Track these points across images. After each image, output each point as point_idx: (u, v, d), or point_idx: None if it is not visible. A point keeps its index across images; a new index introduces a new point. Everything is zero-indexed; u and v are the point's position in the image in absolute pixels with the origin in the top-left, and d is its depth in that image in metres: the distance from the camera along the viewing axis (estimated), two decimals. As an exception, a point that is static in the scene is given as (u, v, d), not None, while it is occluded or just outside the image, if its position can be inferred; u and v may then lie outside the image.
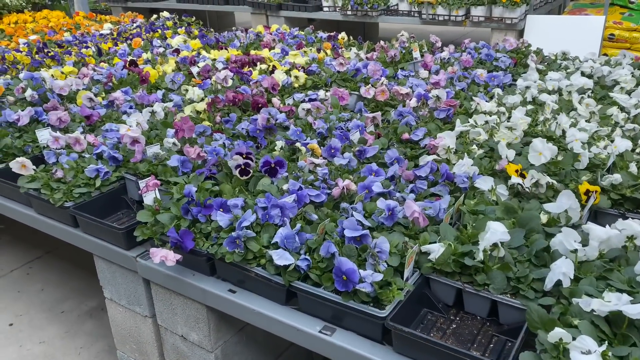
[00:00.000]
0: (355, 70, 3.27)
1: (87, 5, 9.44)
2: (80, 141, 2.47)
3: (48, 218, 2.33)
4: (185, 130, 2.50)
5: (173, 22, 5.38)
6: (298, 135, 2.51)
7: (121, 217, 2.35)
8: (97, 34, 5.00)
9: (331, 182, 2.06)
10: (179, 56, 4.14)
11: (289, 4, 7.81)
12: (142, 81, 3.53)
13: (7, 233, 4.04)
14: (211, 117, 2.82)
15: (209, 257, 1.84)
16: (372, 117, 2.60)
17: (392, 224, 1.77)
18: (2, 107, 3.00)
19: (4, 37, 5.27)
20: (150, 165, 2.26)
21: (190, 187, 1.96)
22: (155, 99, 3.08)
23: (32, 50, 4.37)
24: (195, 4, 8.90)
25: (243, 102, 2.93)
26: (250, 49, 4.48)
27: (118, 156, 2.38)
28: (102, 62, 4.03)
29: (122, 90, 3.23)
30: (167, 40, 4.73)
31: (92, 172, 2.27)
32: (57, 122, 2.81)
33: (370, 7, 7.02)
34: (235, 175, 2.09)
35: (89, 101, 3.13)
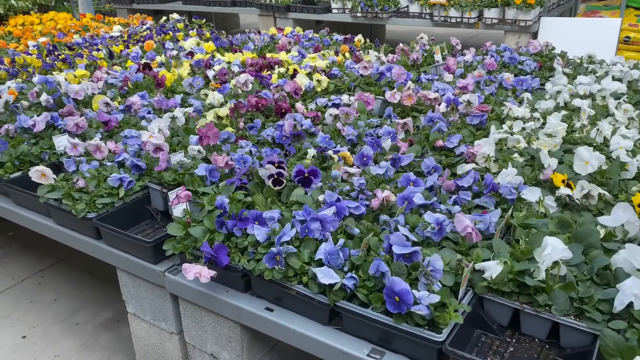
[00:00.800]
0: (379, 74, 3.17)
1: (91, 6, 9.34)
2: (101, 149, 2.36)
3: (68, 229, 2.23)
4: (210, 137, 2.40)
5: (184, 24, 5.28)
6: (327, 143, 2.41)
7: (145, 228, 2.24)
8: (107, 36, 4.90)
9: (368, 193, 1.96)
10: (193, 59, 4.04)
11: (297, 5, 7.72)
12: (158, 85, 3.43)
13: (17, 240, 3.94)
14: (234, 122, 2.71)
15: (245, 273, 1.74)
16: (403, 123, 2.50)
17: (441, 239, 1.67)
18: (16, 112, 2.90)
19: (12, 39, 5.16)
20: (176, 174, 2.16)
21: (223, 199, 1.86)
22: (174, 104, 2.97)
23: (43, 52, 4.26)
24: (201, 6, 8.81)
25: (266, 107, 2.82)
26: (265, 51, 4.38)
27: (141, 164, 2.27)
28: (114, 65, 3.93)
29: (138, 95, 3.13)
30: (179, 42, 4.63)
31: (115, 182, 2.17)
32: (74, 128, 2.70)
33: (381, 8, 6.93)
34: (268, 185, 1.99)
35: (105, 106, 3.03)
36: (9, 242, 3.95)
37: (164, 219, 2.28)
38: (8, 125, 2.68)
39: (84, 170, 2.28)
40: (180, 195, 1.82)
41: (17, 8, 6.28)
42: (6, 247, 3.90)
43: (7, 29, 5.46)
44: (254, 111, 2.79)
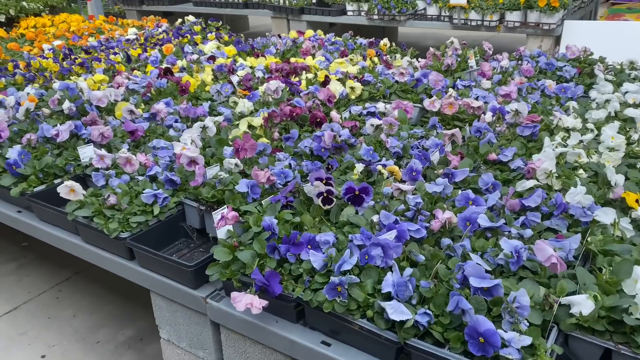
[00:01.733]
0: (415, 81, 3.02)
1: (101, 8, 9.21)
2: (131, 162, 2.21)
3: (98, 248, 2.08)
4: (248, 150, 2.26)
5: (201, 27, 5.13)
6: (371, 155, 2.26)
7: (180, 247, 2.09)
8: (123, 39, 4.75)
9: (426, 213, 1.81)
10: (214, 64, 3.90)
11: (311, 7, 7.58)
12: (182, 91, 3.28)
13: (32, 250, 3.79)
14: (268, 132, 2.56)
15: (298, 302, 1.59)
16: (451, 135, 2.35)
17: (517, 268, 1.52)
18: (37, 120, 2.75)
19: (25, 41, 5.02)
20: (215, 190, 2.01)
21: (271, 220, 1.71)
22: (203, 112, 2.83)
23: (59, 56, 4.12)
24: (212, 7, 8.67)
25: (300, 116, 2.67)
26: (288, 55, 4.23)
27: (176, 179, 2.12)
28: (133, 70, 3.78)
29: (164, 102, 2.98)
30: (197, 46, 4.48)
31: (149, 198, 2.02)
32: (99, 138, 2.56)
33: (399, 11, 6.78)
34: (317, 204, 1.84)
35: (130, 114, 2.89)
36: (23, 253, 3.81)
37: (200, 237, 2.14)
38: (30, 134, 2.53)
39: (114, 185, 2.13)
40: (227, 216, 1.67)
41: (28, 10, 6.14)
42: (21, 259, 3.76)
43: (20, 31, 5.32)
44: (288, 120, 2.64)
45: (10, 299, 3.37)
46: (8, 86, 3.49)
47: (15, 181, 2.31)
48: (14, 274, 3.60)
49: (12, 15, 5.98)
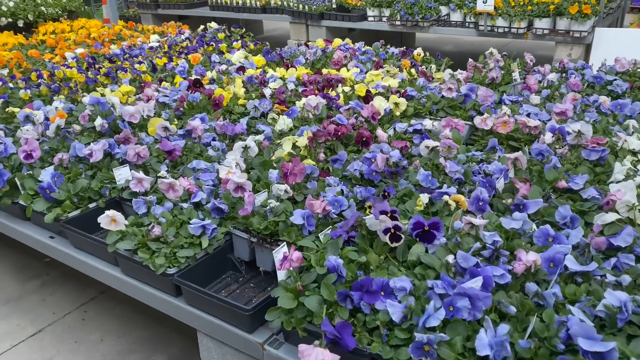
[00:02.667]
0: (463, 96, 2.85)
1: (116, 11, 9.09)
2: (175, 187, 2.06)
3: (140, 282, 1.92)
4: (298, 175, 2.10)
5: (225, 35, 4.98)
6: (430, 182, 2.09)
7: (229, 282, 1.93)
8: (146, 47, 4.61)
9: (505, 253, 1.64)
10: (244, 75, 3.74)
11: (331, 13, 7.42)
12: (215, 105, 3.13)
13: (55, 267, 3.64)
14: (313, 153, 2.40)
15: (373, 358, 1.43)
16: (514, 159, 2.18)
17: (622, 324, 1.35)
18: (67, 137, 2.61)
19: (45, 48, 4.89)
20: (269, 222, 1.84)
21: (337, 261, 1.55)
22: (241, 130, 2.67)
23: (82, 65, 3.98)
24: (229, 12, 8.52)
25: (346, 135, 2.51)
26: (318, 66, 4.07)
27: (224, 207, 1.96)
28: (161, 82, 3.63)
29: (199, 118, 2.83)
30: (223, 55, 4.33)
31: (197, 230, 1.87)
32: (135, 158, 2.41)
33: (422, 17, 6.61)
34: (384, 241, 1.67)
35: (164, 130, 2.73)
36: (46, 269, 3.66)
37: (249, 270, 1.98)
38: (62, 154, 2.38)
39: (157, 213, 1.98)
40: (291, 258, 1.51)
41: (46, 15, 6.02)
42: (43, 276, 3.61)
43: (40, 37, 5.19)
44: (333, 140, 2.48)
45: (35, 319, 3.22)
46: (33, 98, 3.35)
47: (49, 206, 2.16)
48: (37, 293, 3.45)
49: (31, 20, 5.85)
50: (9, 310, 3.25)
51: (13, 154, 2.45)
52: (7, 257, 3.82)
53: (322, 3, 7.54)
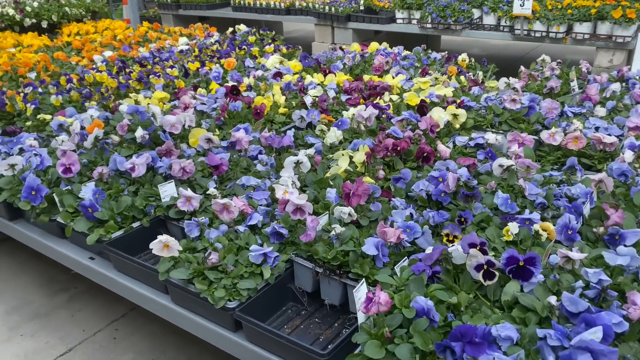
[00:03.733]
0: (527, 108, 2.66)
1: (137, 12, 9.00)
2: (229, 208, 1.89)
3: (193, 314, 1.76)
4: (362, 196, 1.92)
5: (258, 38, 4.82)
6: (509, 206, 1.91)
7: (290, 315, 1.76)
8: (175, 50, 4.47)
9: (612, 294, 1.45)
10: (282, 81, 3.58)
11: (358, 15, 7.25)
12: (256, 114, 2.96)
13: (82, 280, 3.50)
14: (371, 170, 2.23)
15: (476, 416, 1.25)
16: (598, 180, 1.99)
17: None
18: (106, 149, 2.46)
19: (71, 50, 4.77)
20: (337, 251, 1.67)
21: (426, 303, 1.37)
22: (289, 142, 2.50)
23: (112, 69, 3.84)
24: (252, 13, 8.38)
25: (405, 150, 2.33)
26: (356, 71, 3.90)
27: (284, 231, 1.80)
28: (197, 89, 3.48)
29: (243, 128, 2.67)
30: (257, 59, 4.17)
31: (258, 258, 1.70)
32: (180, 172, 2.25)
33: (455, 20, 6.42)
34: (477, 279, 1.49)
35: (207, 142, 2.57)
36: (73, 282, 3.52)
37: (312, 302, 1.81)
38: (102, 168, 2.23)
39: (212, 237, 1.81)
40: (379, 301, 1.33)
41: (70, 15, 5.91)
42: (71, 289, 3.47)
43: (65, 38, 5.07)
44: (392, 155, 2.30)
45: (64, 337, 3.08)
46: (64, 104, 3.21)
47: (91, 226, 2.00)
48: (65, 308, 3.31)
49: (54, 21, 5.75)
50: (37, 327, 3.11)
51: (50, 167, 2.30)
52: (33, 269, 3.69)
53: (348, 5, 7.37)
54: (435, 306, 1.42)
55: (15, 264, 3.76)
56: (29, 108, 3.05)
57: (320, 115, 2.77)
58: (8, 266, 3.74)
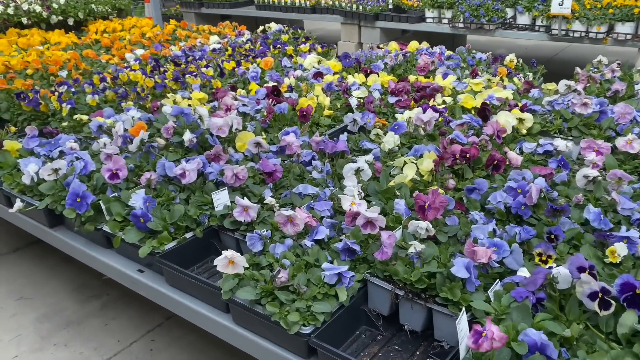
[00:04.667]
0: (598, 113, 2.47)
1: (159, 10, 8.89)
2: (294, 221, 1.73)
3: (259, 337, 1.61)
4: (439, 209, 1.76)
5: (292, 36, 4.67)
6: (603, 222, 1.73)
7: (365, 340, 1.60)
8: (207, 49, 4.33)
9: None
10: (323, 81, 3.43)
11: (387, 14, 7.07)
12: (302, 117, 2.81)
13: (114, 286, 3.37)
14: (440, 180, 2.06)
15: None
16: (697, 196, 1.80)
17: None
18: (151, 152, 2.31)
19: (100, 48, 4.65)
20: (421, 273, 1.51)
21: (540, 337, 1.20)
22: (344, 147, 2.33)
23: (146, 68, 3.71)
24: (276, 12, 8.23)
25: (474, 158, 2.16)
26: (399, 71, 3.73)
27: (356, 248, 1.64)
28: (236, 89, 3.33)
29: (292, 131, 2.51)
30: (292, 59, 4.02)
31: (332, 278, 1.54)
32: (232, 179, 2.10)
33: (488, 19, 6.22)
34: (592, 309, 1.32)
35: (256, 147, 2.42)
36: (106, 289, 3.39)
37: (387, 326, 1.65)
38: (150, 173, 2.08)
39: (277, 253, 1.66)
40: (492, 337, 1.17)
41: (96, 13, 5.80)
42: (103, 296, 3.34)
43: (93, 36, 4.96)
44: (462, 164, 2.13)
45: (99, 348, 2.95)
46: (100, 104, 3.08)
47: (142, 237, 1.86)
48: (98, 316, 3.18)
49: (81, 18, 5.65)
50: (70, 336, 2.98)
51: (93, 172, 2.16)
52: (63, 273, 3.57)
53: (376, 3, 7.20)
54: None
55: (45, 268, 3.64)
56: (64, 108, 2.92)
57: (376, 118, 2.61)
58: (38, 270, 3.63)
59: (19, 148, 2.49)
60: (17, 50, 4.60)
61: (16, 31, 5.22)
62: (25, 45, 4.76)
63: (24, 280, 3.50)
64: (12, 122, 3.18)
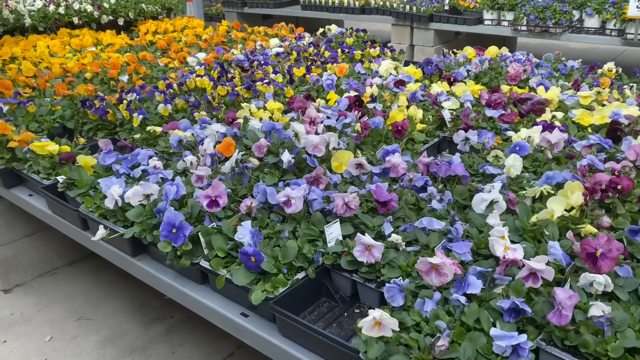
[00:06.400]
0: None
1: (201, 9, 8.70)
2: (441, 270, 1.45)
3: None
4: (615, 258, 1.45)
5: (359, 40, 4.38)
6: None
7: None
8: (270, 53, 4.07)
9: None
10: (407, 90, 3.13)
11: (442, 15, 6.73)
12: (396, 132, 2.52)
13: (177, 308, 3.14)
14: (592, 217, 1.75)
15: None
16: None
17: None
18: (244, 173, 2.05)
19: (156, 50, 4.44)
20: (620, 347, 1.21)
21: None
22: (462, 172, 2.03)
23: (213, 74, 3.47)
24: (323, 12, 7.95)
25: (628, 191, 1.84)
26: (484, 79, 3.41)
27: (526, 309, 1.34)
28: (309, 97, 3.06)
29: (393, 150, 2.23)
30: (364, 64, 3.73)
31: (500, 348, 1.26)
32: (343, 209, 1.83)
33: (555, 22, 5.84)
34: None
35: (356, 168, 2.15)
36: (169, 310, 3.16)
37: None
38: (251, 200, 1.82)
39: (427, 311, 1.38)
40: None
41: (146, 12, 5.61)
42: (167, 318, 3.11)
43: (148, 37, 4.75)
44: (613, 197, 1.81)
45: (169, 378, 2.73)
46: (173, 114, 2.84)
47: (252, 278, 1.60)
48: (164, 341, 2.95)
49: (131, 18, 5.47)
50: (137, 364, 2.77)
51: (185, 197, 1.91)
52: (122, 291, 3.35)
53: (430, 4, 6.86)
54: None
55: (103, 284, 3.43)
56: (136, 118, 2.69)
57: (495, 137, 2.30)
58: (95, 286, 3.42)
59: (94, 164, 2.26)
60: (70, 52, 4.42)
61: (67, 31, 5.06)
62: (78, 47, 4.58)
63: (82, 298, 3.30)
64: (76, 131, 2.97)
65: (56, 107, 3.02)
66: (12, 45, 4.52)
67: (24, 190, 2.60)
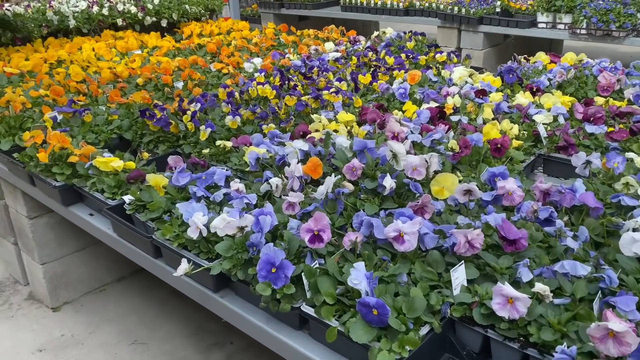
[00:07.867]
0: None
1: (238, 10, 8.52)
2: (622, 338, 1.18)
3: None
4: None
5: (419, 44, 4.10)
6: None
7: None
8: (326, 58, 3.82)
9: None
10: (490, 101, 2.86)
11: (492, 17, 6.41)
12: (495, 151, 2.25)
13: (238, 334, 2.90)
14: None
15: None
16: None
17: None
18: (339, 199, 1.80)
19: (205, 54, 4.23)
20: None
21: None
22: (594, 203, 1.75)
23: (273, 81, 3.23)
24: (365, 14, 7.68)
25: None
26: (569, 89, 3.11)
27: None
28: (381, 107, 2.80)
29: (500, 174, 1.96)
30: (430, 70, 3.46)
31: None
32: (465, 247, 1.56)
33: (619, 25, 5.47)
34: None
35: (464, 194, 1.88)
36: (228, 336, 2.93)
37: None
38: (356, 235, 1.57)
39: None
40: None
41: (189, 14, 5.42)
42: (227, 344, 2.89)
43: (195, 40, 4.56)
44: None
45: (235, 416, 2.50)
46: (243, 128, 2.61)
47: (374, 335, 1.35)
48: (226, 370, 2.74)
49: (174, 19, 5.28)
50: (200, 398, 2.54)
51: (277, 227, 1.67)
52: (176, 312, 3.14)
53: (480, 6, 6.55)
54: None
55: (155, 304, 3.23)
56: (203, 132, 2.46)
57: (626, 161, 2.01)
58: (148, 306, 3.22)
59: (166, 184, 2.04)
60: (117, 55, 4.24)
61: (111, 33, 4.89)
62: (123, 50, 4.40)
63: (135, 318, 3.10)
64: (134, 142, 2.76)
65: (113, 116, 2.82)
66: (58, 48, 4.36)
67: (83, 208, 2.39)
